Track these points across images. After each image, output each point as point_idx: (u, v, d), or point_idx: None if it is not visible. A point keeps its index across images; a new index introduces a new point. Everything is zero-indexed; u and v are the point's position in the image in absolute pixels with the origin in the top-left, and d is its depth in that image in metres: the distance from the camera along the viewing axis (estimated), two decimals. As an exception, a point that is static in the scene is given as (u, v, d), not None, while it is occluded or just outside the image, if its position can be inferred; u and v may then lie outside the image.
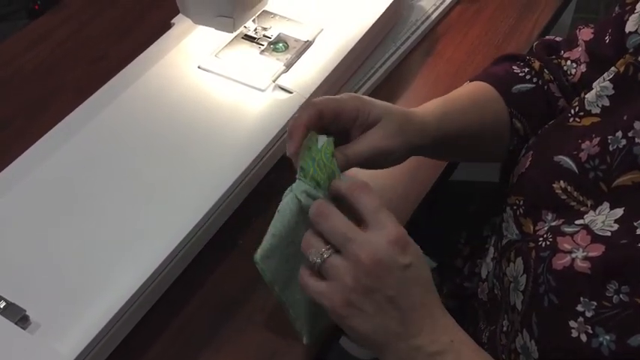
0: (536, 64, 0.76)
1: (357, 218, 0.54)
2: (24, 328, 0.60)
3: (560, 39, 0.79)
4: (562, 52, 0.77)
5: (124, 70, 0.84)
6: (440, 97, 0.73)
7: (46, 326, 0.61)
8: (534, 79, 0.75)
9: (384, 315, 0.52)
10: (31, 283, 0.64)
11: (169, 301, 0.70)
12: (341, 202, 0.56)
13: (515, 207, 0.64)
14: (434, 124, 0.67)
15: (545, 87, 0.75)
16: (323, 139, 0.59)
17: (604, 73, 0.64)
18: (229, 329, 0.69)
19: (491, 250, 0.68)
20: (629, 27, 0.64)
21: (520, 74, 0.76)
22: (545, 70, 0.76)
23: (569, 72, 0.75)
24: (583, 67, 0.73)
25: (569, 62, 0.75)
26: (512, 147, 0.76)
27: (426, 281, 0.54)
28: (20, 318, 0.61)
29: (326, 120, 0.60)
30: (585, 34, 0.73)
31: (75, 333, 0.60)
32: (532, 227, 0.61)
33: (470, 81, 0.78)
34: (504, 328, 0.62)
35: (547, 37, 0.81)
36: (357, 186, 0.55)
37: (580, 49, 0.74)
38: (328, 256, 0.53)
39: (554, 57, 0.77)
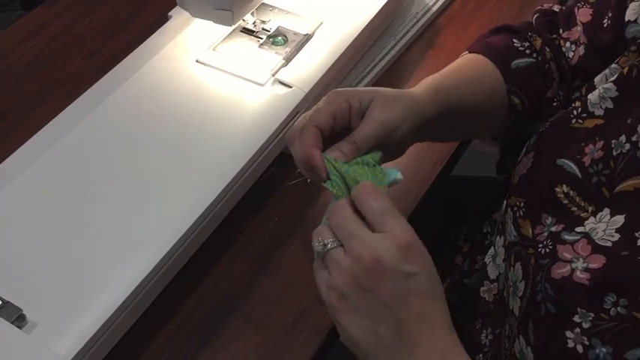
0: (538, 42, 0.74)
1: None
2: (20, 328, 0.59)
3: (559, 9, 0.77)
4: (561, 30, 0.75)
5: (120, 64, 0.83)
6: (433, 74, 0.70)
7: (43, 326, 0.60)
8: (534, 54, 0.74)
9: (377, 318, 0.50)
10: (28, 282, 0.63)
11: (167, 300, 0.69)
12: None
13: (515, 208, 0.63)
14: (428, 100, 0.65)
15: (546, 65, 0.73)
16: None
17: (603, 63, 0.62)
18: (227, 328, 0.68)
19: (502, 250, 0.67)
20: (629, 15, 0.62)
21: (520, 48, 0.74)
22: (546, 48, 0.74)
23: (567, 54, 0.73)
24: (581, 50, 0.71)
25: (568, 44, 0.73)
26: (511, 123, 0.74)
27: (431, 295, 0.51)
28: (17, 317, 0.60)
29: (328, 131, 0.58)
30: (583, 14, 0.71)
31: (72, 333, 0.59)
32: (530, 230, 0.60)
33: (468, 51, 0.75)
34: (506, 332, 0.61)
35: (545, 5, 0.78)
36: (364, 189, 0.53)
37: (579, 28, 0.72)
38: (331, 247, 0.52)
39: (555, 36, 0.75)
